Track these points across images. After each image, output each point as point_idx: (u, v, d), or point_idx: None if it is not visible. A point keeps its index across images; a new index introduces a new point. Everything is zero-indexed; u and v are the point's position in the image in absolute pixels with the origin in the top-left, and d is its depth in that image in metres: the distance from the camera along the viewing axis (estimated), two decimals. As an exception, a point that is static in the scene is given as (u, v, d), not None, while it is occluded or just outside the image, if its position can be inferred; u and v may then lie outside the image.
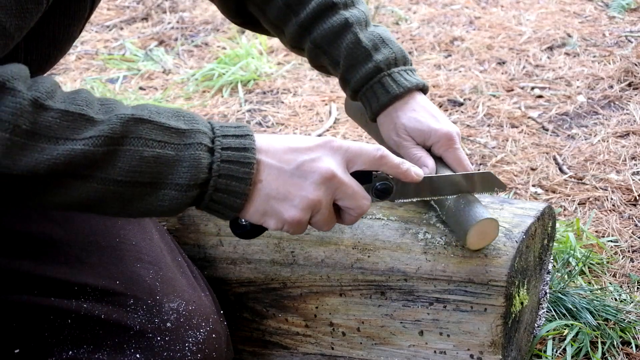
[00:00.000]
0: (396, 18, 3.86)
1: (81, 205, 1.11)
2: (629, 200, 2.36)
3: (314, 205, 1.20)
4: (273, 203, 1.19)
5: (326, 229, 1.26)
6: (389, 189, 1.31)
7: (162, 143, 1.12)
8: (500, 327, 1.38)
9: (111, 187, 1.09)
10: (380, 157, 1.25)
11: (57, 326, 1.31)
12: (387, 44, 1.55)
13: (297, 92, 3.17)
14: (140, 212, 1.14)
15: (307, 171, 1.19)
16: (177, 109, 1.18)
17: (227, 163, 1.14)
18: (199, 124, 1.15)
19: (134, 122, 1.10)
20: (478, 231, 1.37)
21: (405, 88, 1.52)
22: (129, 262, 1.36)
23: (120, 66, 3.45)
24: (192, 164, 1.12)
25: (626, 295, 1.93)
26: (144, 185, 1.11)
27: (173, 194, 1.12)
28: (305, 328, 1.50)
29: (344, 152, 1.23)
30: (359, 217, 1.27)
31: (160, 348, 1.29)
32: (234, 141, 1.16)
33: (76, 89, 1.12)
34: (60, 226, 1.36)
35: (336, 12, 1.55)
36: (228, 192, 1.15)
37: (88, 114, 1.08)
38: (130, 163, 1.09)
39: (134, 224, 1.42)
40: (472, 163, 2.60)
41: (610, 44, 3.52)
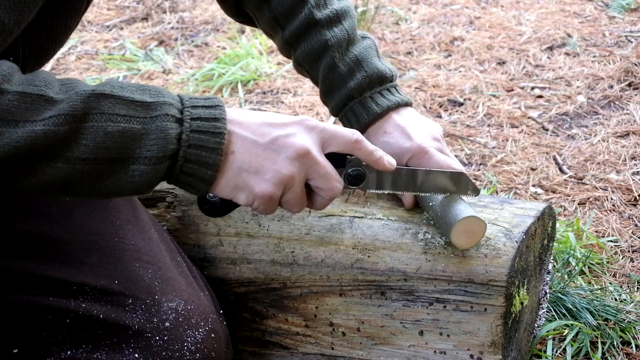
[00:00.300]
0: (396, 18, 3.86)
1: (50, 187, 1.10)
2: (629, 200, 2.36)
3: (287, 180, 1.19)
4: (245, 176, 1.17)
5: (296, 210, 1.24)
6: (362, 175, 1.30)
7: (127, 117, 1.10)
8: (500, 327, 1.38)
9: (78, 166, 1.08)
10: (355, 140, 1.25)
11: (55, 326, 1.30)
12: (362, 66, 1.54)
13: (297, 92, 3.16)
14: (111, 190, 1.12)
15: (281, 146, 1.18)
16: (143, 84, 1.16)
17: (197, 133, 1.13)
18: (166, 97, 1.14)
19: (95, 98, 1.08)
20: (463, 229, 1.36)
21: (375, 114, 1.52)
22: (127, 262, 1.36)
23: (120, 66, 3.45)
24: (160, 135, 1.10)
25: (626, 295, 1.93)
26: (112, 162, 1.09)
27: (142, 168, 1.10)
28: (305, 328, 1.50)
29: (319, 132, 1.22)
30: (330, 201, 1.26)
31: (159, 348, 1.29)
32: (204, 111, 1.14)
33: (36, 71, 1.10)
34: (59, 226, 1.36)
35: (318, 31, 1.55)
36: (199, 162, 1.13)
37: (47, 94, 1.06)
38: (94, 140, 1.07)
39: (133, 224, 1.42)
40: (472, 163, 2.60)
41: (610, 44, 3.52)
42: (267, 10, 1.58)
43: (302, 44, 1.57)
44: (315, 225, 1.49)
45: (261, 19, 1.62)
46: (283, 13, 1.57)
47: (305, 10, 1.55)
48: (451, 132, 2.78)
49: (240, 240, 1.52)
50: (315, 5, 1.55)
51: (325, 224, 1.49)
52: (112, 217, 1.40)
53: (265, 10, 1.59)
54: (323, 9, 1.56)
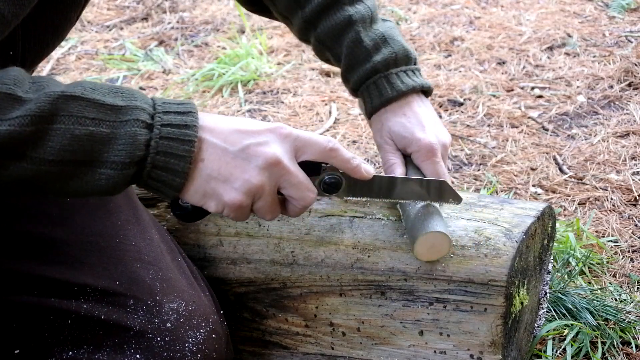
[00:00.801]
0: (396, 18, 3.86)
1: (19, 185, 1.09)
2: (629, 200, 2.36)
3: (256, 190, 1.18)
4: (214, 184, 1.16)
5: (269, 218, 1.23)
6: (338, 183, 1.28)
7: (96, 120, 1.09)
8: (500, 327, 1.38)
9: (44, 167, 1.07)
10: (330, 149, 1.23)
11: (57, 326, 1.30)
12: (389, 43, 1.53)
13: (297, 92, 3.16)
14: (78, 191, 1.11)
15: (251, 154, 1.17)
16: (117, 85, 1.15)
17: (166, 140, 1.12)
18: (138, 101, 1.12)
19: (64, 100, 1.07)
20: (427, 243, 1.35)
21: (400, 91, 1.50)
22: (128, 263, 1.36)
23: (120, 66, 3.45)
24: (128, 141, 1.10)
25: (626, 295, 1.93)
26: (78, 164, 1.09)
27: (109, 172, 1.10)
28: (305, 328, 1.50)
29: (293, 140, 1.21)
30: (304, 209, 1.25)
31: (160, 348, 1.29)
32: (175, 118, 1.13)
33: (7, 68, 1.09)
34: (60, 226, 1.36)
35: (341, 7, 1.54)
36: (167, 170, 1.13)
37: (15, 93, 1.05)
38: (61, 142, 1.07)
39: (134, 225, 1.42)
40: (472, 163, 2.60)
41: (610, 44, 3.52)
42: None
43: (324, 21, 1.54)
44: (315, 225, 1.49)
45: (278, 2, 1.59)
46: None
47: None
48: (451, 132, 2.78)
49: (240, 240, 1.52)
50: None
51: (325, 224, 1.49)
52: (113, 217, 1.40)
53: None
54: None
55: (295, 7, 1.57)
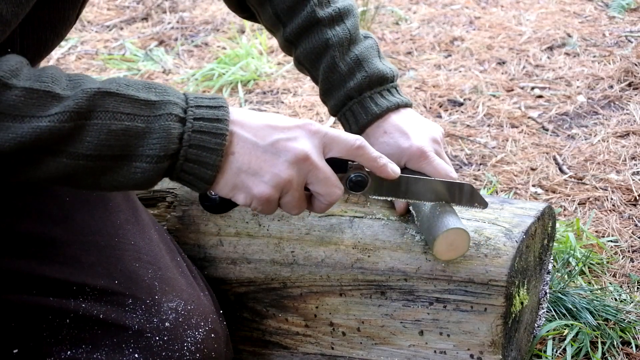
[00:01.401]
0: (396, 18, 3.86)
1: (54, 180, 1.12)
2: (629, 200, 2.36)
3: (285, 184, 1.20)
4: (243, 177, 1.18)
5: (295, 213, 1.25)
6: (364, 181, 1.29)
7: (131, 115, 1.11)
8: (500, 327, 1.38)
9: (81, 162, 1.10)
10: (357, 147, 1.25)
11: (55, 326, 1.30)
12: (363, 66, 1.53)
13: (297, 92, 3.16)
14: (113, 185, 1.14)
15: (281, 149, 1.19)
16: (150, 81, 1.17)
17: (199, 133, 1.14)
18: (170, 95, 1.15)
19: (100, 96, 1.10)
20: (447, 241, 1.35)
21: (374, 114, 1.51)
22: (127, 262, 1.36)
23: (120, 66, 3.45)
24: (162, 134, 1.12)
25: (626, 295, 1.93)
26: (114, 159, 1.11)
27: (144, 166, 1.12)
28: (305, 328, 1.50)
29: (321, 136, 1.22)
30: (329, 205, 1.26)
31: (159, 348, 1.29)
32: (207, 112, 1.16)
33: (45, 66, 1.12)
34: (59, 226, 1.36)
35: (319, 30, 1.54)
36: (199, 162, 1.15)
37: (54, 91, 1.08)
38: (98, 137, 1.09)
39: (133, 224, 1.42)
40: (472, 163, 2.60)
41: (610, 44, 3.52)
42: (270, 6, 1.57)
43: (303, 43, 1.56)
44: (315, 225, 1.49)
45: (263, 16, 1.61)
46: (285, 10, 1.56)
47: (308, 8, 1.54)
48: (451, 132, 2.78)
49: (241, 240, 1.52)
50: (318, 4, 1.54)
51: (325, 224, 1.49)
52: (112, 217, 1.40)
53: (267, 7, 1.58)
54: (326, 7, 1.54)
55: (277, 24, 1.59)
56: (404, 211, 1.47)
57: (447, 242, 1.35)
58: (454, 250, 1.36)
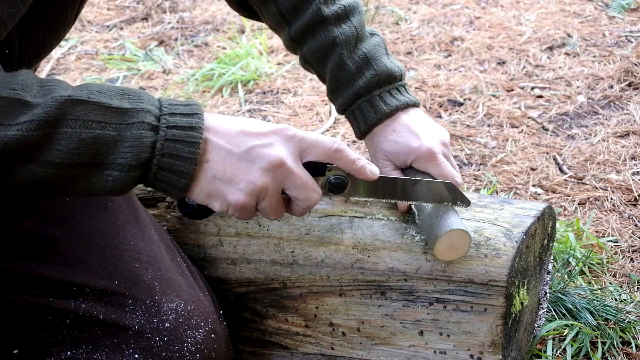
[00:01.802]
0: (396, 18, 3.86)
1: (26, 186, 1.11)
2: (629, 200, 2.36)
3: (260, 191, 1.19)
4: (218, 184, 1.18)
5: (273, 218, 1.25)
6: (343, 184, 1.29)
7: (102, 123, 1.10)
8: (500, 327, 1.38)
9: (51, 170, 1.09)
10: (335, 150, 1.24)
11: (55, 326, 1.30)
12: (372, 64, 1.52)
13: (297, 92, 3.16)
14: (84, 192, 1.13)
15: (255, 156, 1.18)
16: (124, 87, 1.16)
17: (172, 142, 1.13)
18: (144, 103, 1.14)
19: (70, 104, 1.09)
20: (447, 242, 1.34)
21: (383, 113, 1.51)
22: (127, 262, 1.36)
23: (120, 66, 3.45)
24: (134, 143, 1.11)
25: (626, 295, 1.93)
26: (85, 167, 1.11)
27: (116, 174, 1.12)
28: (305, 328, 1.50)
29: (297, 141, 1.22)
30: (308, 209, 1.26)
31: (159, 348, 1.29)
32: (181, 119, 1.15)
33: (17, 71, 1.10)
34: (59, 226, 1.36)
35: (326, 28, 1.53)
36: (173, 171, 1.14)
37: (23, 98, 1.06)
38: (68, 145, 1.09)
39: (133, 224, 1.42)
40: (472, 163, 2.60)
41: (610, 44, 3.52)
42: (274, 5, 1.56)
43: (309, 41, 1.55)
44: (315, 225, 1.49)
45: (267, 14, 1.59)
46: (290, 9, 1.55)
47: (313, 6, 1.53)
48: (451, 132, 2.78)
49: (240, 240, 1.52)
50: (324, 2, 1.53)
51: (325, 224, 1.49)
52: (112, 217, 1.40)
53: (271, 6, 1.56)
54: (331, 4, 1.53)
55: (282, 22, 1.57)
56: (406, 209, 1.47)
57: (448, 243, 1.35)
58: (454, 251, 1.36)
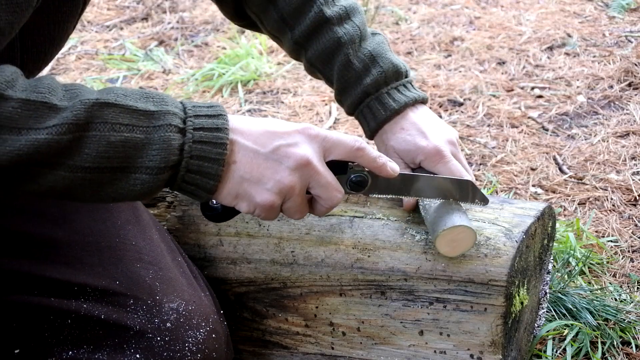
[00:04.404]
0: (396, 18, 3.86)
1: (51, 193, 1.10)
2: (629, 200, 2.36)
3: (287, 190, 1.19)
4: (246, 185, 1.18)
5: (297, 217, 1.25)
6: (364, 182, 1.30)
7: (130, 126, 1.10)
8: (500, 327, 1.38)
9: (79, 174, 1.08)
10: (357, 148, 1.25)
11: (57, 326, 1.31)
12: (378, 62, 1.53)
13: (297, 92, 3.16)
14: (112, 197, 1.12)
15: (282, 155, 1.18)
16: (147, 90, 1.16)
17: (199, 144, 1.13)
18: (169, 105, 1.13)
19: (98, 107, 1.08)
20: (449, 237, 1.35)
21: (392, 110, 1.51)
22: (128, 262, 1.36)
23: (120, 66, 3.45)
24: (162, 146, 1.11)
25: (626, 295, 1.93)
26: (114, 171, 1.10)
27: (144, 178, 1.11)
28: (305, 328, 1.50)
29: (321, 140, 1.22)
30: (330, 209, 1.27)
31: (160, 348, 1.29)
32: (207, 121, 1.15)
33: (40, 76, 1.10)
34: (60, 226, 1.36)
35: (329, 29, 1.53)
36: (201, 173, 1.14)
37: (51, 102, 1.06)
38: (97, 149, 1.08)
39: (134, 225, 1.42)
40: (472, 163, 2.60)
41: (610, 44, 3.52)
42: (274, 11, 1.56)
43: (313, 44, 1.55)
44: (315, 225, 1.49)
45: (267, 21, 1.59)
46: (291, 12, 1.55)
47: (315, 8, 1.53)
48: (451, 132, 2.78)
49: (241, 240, 1.52)
50: (324, 3, 1.53)
51: (325, 224, 1.49)
52: (113, 217, 1.40)
53: (271, 11, 1.57)
54: (332, 5, 1.54)
55: (284, 27, 1.57)
56: (412, 208, 1.47)
57: (450, 237, 1.35)
58: (457, 247, 1.36)
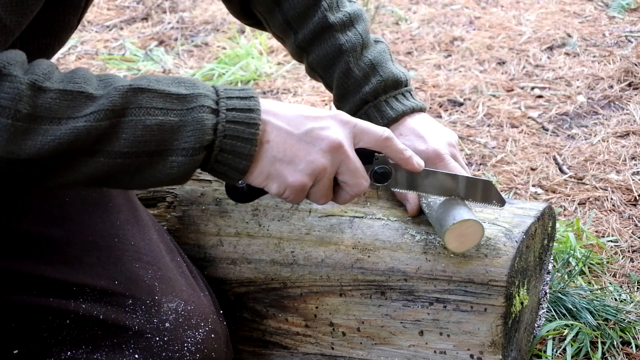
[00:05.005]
0: (396, 18, 3.86)
1: (92, 181, 1.12)
2: (629, 200, 2.36)
3: (319, 172, 1.20)
4: (278, 166, 1.19)
5: (322, 202, 1.26)
6: (388, 174, 1.31)
7: (164, 110, 1.12)
8: (500, 327, 1.38)
9: (118, 160, 1.10)
10: (385, 138, 1.26)
11: (55, 326, 1.30)
12: (378, 71, 1.54)
13: (297, 92, 3.16)
14: (150, 181, 1.14)
15: (315, 137, 1.20)
16: (178, 76, 1.18)
17: (233, 124, 1.15)
18: (200, 88, 1.15)
19: (133, 93, 1.10)
20: (458, 232, 1.35)
21: (390, 118, 1.52)
22: (127, 262, 1.36)
23: (120, 66, 3.45)
24: (196, 127, 1.12)
25: (626, 295, 1.93)
26: (151, 154, 1.11)
27: (180, 160, 1.12)
28: (305, 328, 1.50)
29: (352, 127, 1.23)
30: (354, 197, 1.27)
31: (159, 348, 1.29)
32: (239, 102, 1.16)
33: (73, 68, 1.13)
34: (59, 226, 1.36)
35: (332, 35, 1.55)
36: (234, 153, 1.15)
37: (87, 91, 1.08)
38: (134, 133, 1.10)
39: (133, 224, 1.42)
40: (472, 163, 2.60)
41: (610, 44, 3.52)
42: (279, 13, 1.57)
43: (315, 49, 1.56)
44: (315, 225, 1.49)
45: (272, 23, 1.60)
46: (295, 17, 1.56)
47: (319, 14, 1.54)
48: (451, 132, 2.78)
49: (240, 240, 1.52)
50: (329, 8, 1.54)
51: (325, 224, 1.49)
52: (112, 217, 1.40)
53: (277, 14, 1.58)
54: (336, 12, 1.55)
55: (288, 30, 1.59)
56: (416, 213, 1.47)
57: (459, 232, 1.35)
58: (465, 242, 1.36)
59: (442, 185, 1.37)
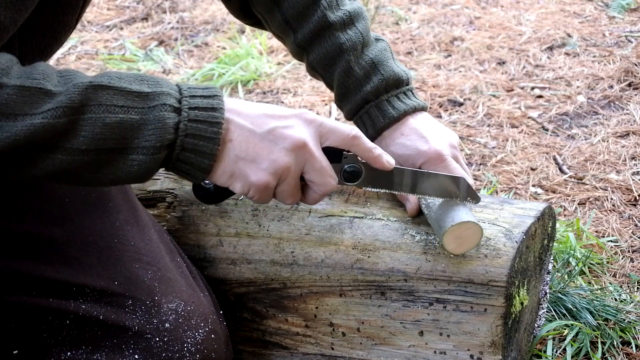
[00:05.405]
0: (396, 18, 3.86)
1: (51, 177, 1.12)
2: (629, 200, 2.36)
3: (282, 171, 1.20)
4: (241, 164, 1.19)
5: (289, 202, 1.26)
6: (358, 172, 1.30)
7: (125, 108, 1.11)
8: (500, 328, 1.38)
9: (77, 157, 1.10)
10: (353, 137, 1.26)
11: (55, 327, 1.30)
12: (379, 69, 1.53)
13: (297, 92, 3.16)
14: (110, 179, 1.14)
15: (278, 136, 1.19)
16: (141, 73, 1.17)
17: (195, 122, 1.14)
18: (163, 87, 1.15)
19: (92, 90, 1.10)
20: (456, 234, 1.35)
21: (391, 118, 1.51)
22: (127, 263, 1.36)
23: (120, 66, 3.45)
24: (157, 125, 1.12)
25: (626, 295, 1.93)
26: (111, 152, 1.11)
27: (141, 158, 1.12)
28: (305, 328, 1.50)
29: (317, 125, 1.23)
30: (323, 196, 1.27)
31: (159, 349, 1.29)
32: (202, 101, 1.16)
33: (35, 63, 1.12)
34: (59, 227, 1.36)
35: (332, 34, 1.54)
36: (196, 152, 1.15)
37: (45, 87, 1.07)
38: (93, 131, 1.09)
39: (133, 225, 1.42)
40: (472, 163, 2.60)
41: (610, 44, 3.52)
42: (279, 13, 1.57)
43: (315, 48, 1.55)
44: (315, 225, 1.49)
45: (272, 22, 1.60)
46: (295, 16, 1.55)
47: (319, 13, 1.53)
48: (451, 132, 2.78)
49: (240, 240, 1.52)
50: (328, 7, 1.53)
51: (325, 224, 1.49)
52: (112, 217, 1.40)
53: (276, 13, 1.57)
54: (336, 10, 1.54)
55: (288, 30, 1.58)
56: (416, 214, 1.47)
57: (458, 234, 1.35)
58: (463, 243, 1.36)
59: (415, 184, 1.37)
